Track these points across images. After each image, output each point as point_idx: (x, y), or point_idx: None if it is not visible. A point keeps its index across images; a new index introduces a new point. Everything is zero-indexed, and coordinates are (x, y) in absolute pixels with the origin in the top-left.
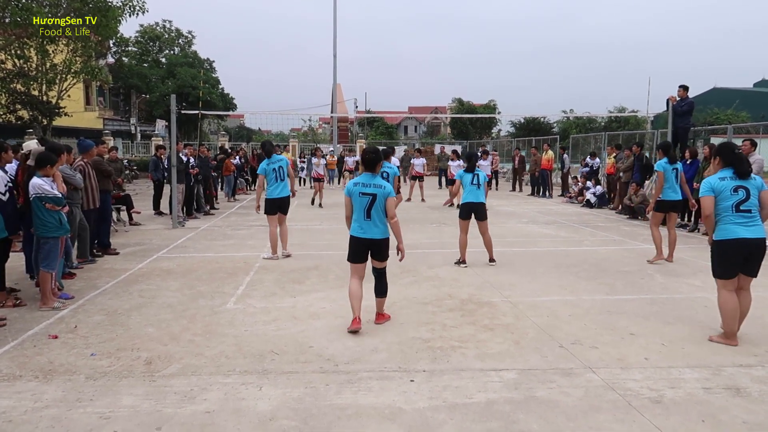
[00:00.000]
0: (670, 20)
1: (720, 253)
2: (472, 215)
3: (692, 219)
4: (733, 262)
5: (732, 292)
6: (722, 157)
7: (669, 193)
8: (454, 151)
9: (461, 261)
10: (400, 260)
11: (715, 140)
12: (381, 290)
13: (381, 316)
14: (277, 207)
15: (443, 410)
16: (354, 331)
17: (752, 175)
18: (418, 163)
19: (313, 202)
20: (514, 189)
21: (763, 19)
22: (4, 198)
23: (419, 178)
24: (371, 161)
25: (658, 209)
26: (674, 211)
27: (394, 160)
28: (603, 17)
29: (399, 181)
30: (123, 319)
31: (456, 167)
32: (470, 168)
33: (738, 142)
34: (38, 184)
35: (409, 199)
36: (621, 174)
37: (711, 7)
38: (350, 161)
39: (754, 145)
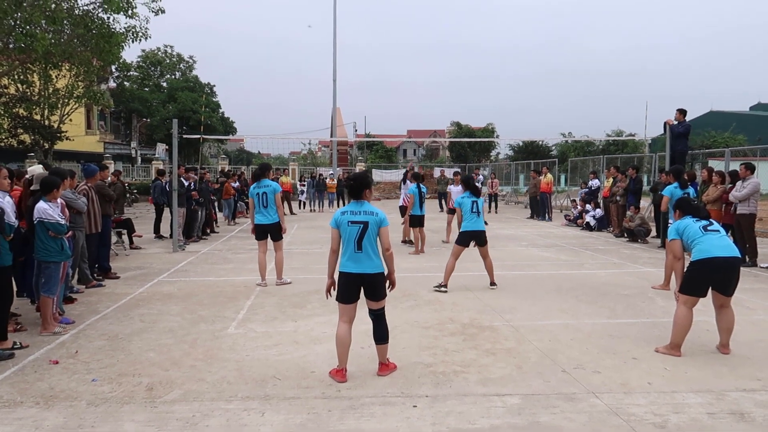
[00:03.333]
0: (668, 45)
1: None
2: (471, 243)
3: None
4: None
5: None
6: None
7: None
8: (456, 173)
9: (443, 285)
10: (390, 291)
11: (713, 163)
12: (381, 335)
13: (385, 367)
14: (263, 233)
15: None
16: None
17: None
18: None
19: None
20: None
21: (759, 44)
22: (15, 224)
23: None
24: (357, 188)
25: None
26: None
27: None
28: (601, 42)
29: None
30: (124, 344)
31: (457, 192)
32: (473, 192)
33: (735, 165)
34: (43, 208)
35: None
36: (618, 198)
37: (708, 33)
38: None
39: (749, 168)
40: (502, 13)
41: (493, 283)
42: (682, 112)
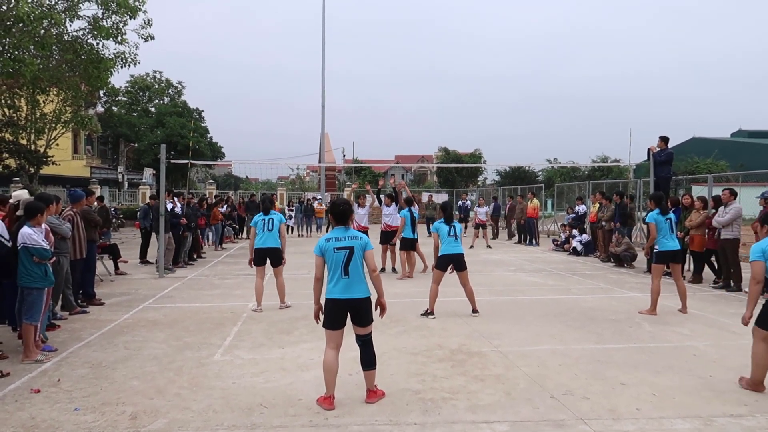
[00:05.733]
0: (649, 73)
1: None
2: (449, 267)
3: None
4: None
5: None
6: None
7: (666, 243)
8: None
9: (429, 312)
10: (381, 317)
11: (696, 189)
12: (368, 361)
13: (373, 394)
14: (263, 257)
15: None
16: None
17: None
18: (482, 212)
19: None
20: (510, 238)
21: (740, 72)
22: (9, 244)
23: (482, 226)
24: (342, 214)
25: (658, 261)
26: (675, 261)
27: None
28: (585, 70)
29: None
30: (108, 372)
31: (390, 213)
32: (448, 219)
33: (718, 190)
34: (28, 233)
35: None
36: (603, 223)
37: (691, 61)
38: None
39: (733, 194)
40: (488, 42)
41: (475, 311)
42: (664, 140)
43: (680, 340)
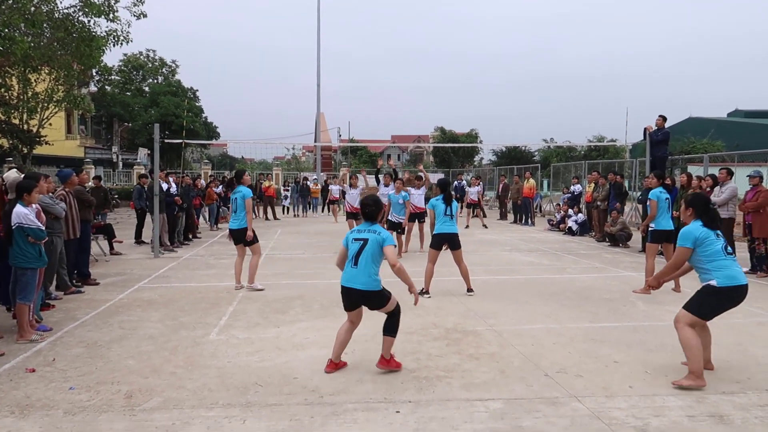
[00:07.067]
0: (647, 53)
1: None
2: (444, 246)
3: None
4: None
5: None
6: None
7: (663, 223)
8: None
9: (425, 291)
10: (415, 304)
11: (692, 168)
12: (387, 327)
13: (384, 362)
14: (234, 238)
15: None
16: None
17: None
18: (473, 191)
19: None
20: (502, 218)
21: (736, 52)
22: None
23: (474, 205)
24: (371, 215)
25: (653, 240)
26: (668, 241)
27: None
28: (582, 50)
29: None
30: (103, 352)
31: (418, 196)
32: (447, 199)
33: (714, 170)
34: (23, 213)
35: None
36: (598, 203)
37: (687, 40)
38: (335, 190)
39: (730, 173)
40: (485, 21)
41: (469, 290)
42: (663, 118)
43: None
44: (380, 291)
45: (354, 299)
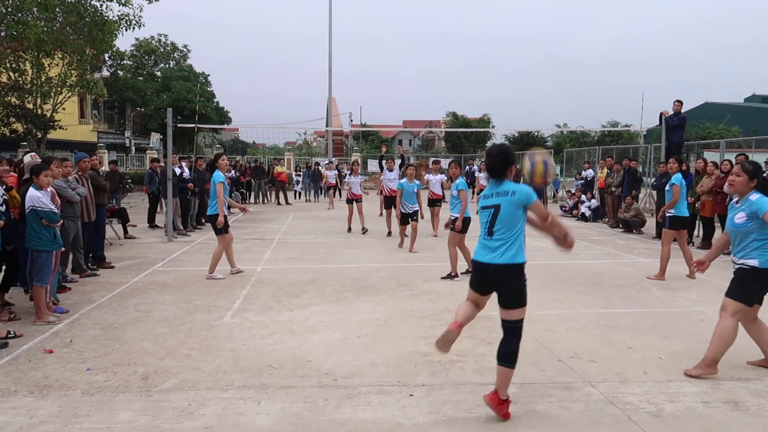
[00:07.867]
0: (663, 36)
1: None
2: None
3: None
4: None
5: None
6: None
7: (682, 209)
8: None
9: (453, 275)
10: (569, 248)
11: (708, 154)
12: (504, 354)
13: (496, 399)
14: (211, 225)
15: (443, 425)
16: (449, 333)
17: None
18: (483, 177)
19: (349, 230)
20: None
21: (753, 36)
22: (2, 209)
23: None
24: (495, 166)
25: (671, 226)
26: (684, 228)
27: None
28: (597, 33)
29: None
30: (119, 334)
31: (436, 182)
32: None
33: (730, 156)
34: (37, 196)
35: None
36: (612, 189)
37: (703, 24)
38: (330, 175)
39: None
40: (498, 3)
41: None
42: (680, 103)
43: (688, 305)
44: (522, 264)
45: (486, 278)
